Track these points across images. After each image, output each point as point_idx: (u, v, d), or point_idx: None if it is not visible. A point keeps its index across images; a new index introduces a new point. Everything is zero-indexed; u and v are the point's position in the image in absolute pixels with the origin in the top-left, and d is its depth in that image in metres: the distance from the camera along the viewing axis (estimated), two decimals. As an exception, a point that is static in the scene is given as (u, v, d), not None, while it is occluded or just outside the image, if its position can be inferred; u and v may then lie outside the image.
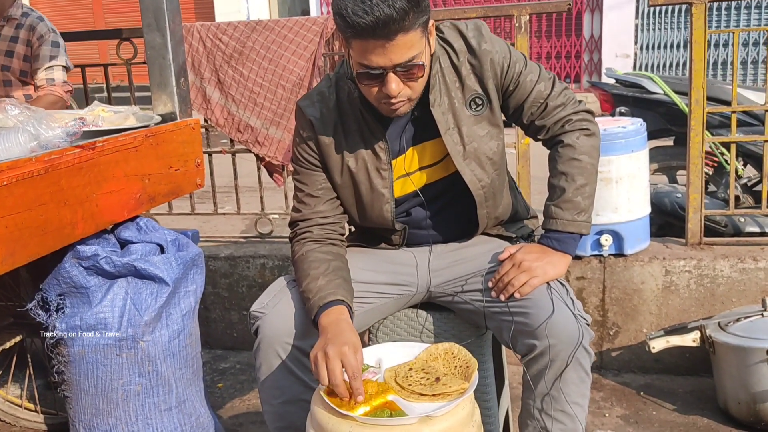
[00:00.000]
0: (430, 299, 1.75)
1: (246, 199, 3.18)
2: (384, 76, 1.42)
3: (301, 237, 1.64)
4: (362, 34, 1.35)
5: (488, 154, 1.62)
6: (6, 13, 2.78)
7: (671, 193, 3.01)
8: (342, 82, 1.61)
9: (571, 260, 1.61)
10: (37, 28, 2.78)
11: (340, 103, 1.61)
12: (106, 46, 10.70)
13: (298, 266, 1.59)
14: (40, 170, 1.53)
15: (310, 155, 1.63)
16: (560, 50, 10.19)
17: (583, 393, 1.51)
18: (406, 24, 1.35)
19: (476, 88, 1.59)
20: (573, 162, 1.60)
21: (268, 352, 1.53)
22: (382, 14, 1.32)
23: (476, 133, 1.60)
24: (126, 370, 1.78)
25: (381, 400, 1.31)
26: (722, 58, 9.67)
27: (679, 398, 2.42)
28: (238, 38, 2.78)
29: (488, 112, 1.61)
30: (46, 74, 2.77)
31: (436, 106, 1.57)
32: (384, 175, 1.60)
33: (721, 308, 2.50)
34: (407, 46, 1.38)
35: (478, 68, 1.58)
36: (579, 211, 1.59)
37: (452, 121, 1.59)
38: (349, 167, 1.61)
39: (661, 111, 3.31)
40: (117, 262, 1.75)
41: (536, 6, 2.60)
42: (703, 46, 2.46)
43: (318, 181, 1.64)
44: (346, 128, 1.61)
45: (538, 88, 1.61)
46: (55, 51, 2.79)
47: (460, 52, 1.57)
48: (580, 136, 1.62)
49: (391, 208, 1.63)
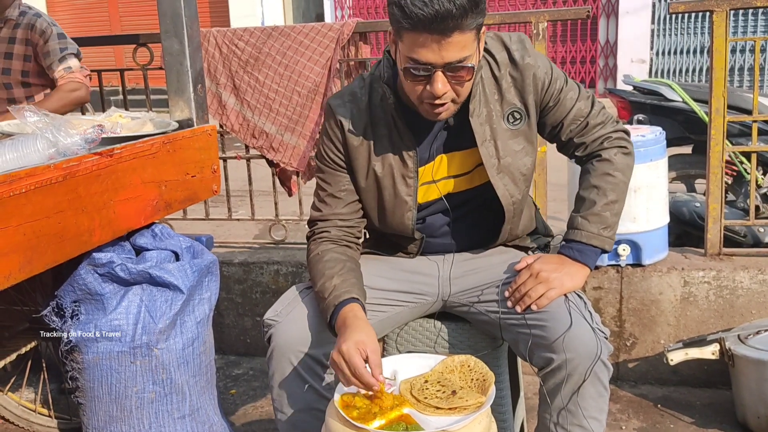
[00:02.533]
0: (445, 309, 1.74)
1: (259, 204, 3.18)
2: (432, 74, 1.39)
3: (319, 236, 1.63)
4: (417, 27, 1.33)
5: (522, 170, 1.61)
6: (3, 14, 2.75)
7: (690, 202, 2.97)
8: (376, 84, 1.59)
9: (589, 274, 1.59)
10: (36, 25, 2.74)
11: (372, 106, 1.59)
12: (121, 50, 10.79)
13: (313, 265, 1.58)
14: (59, 177, 1.53)
15: (337, 155, 1.62)
16: (575, 55, 10.15)
17: (600, 407, 1.48)
18: (463, 22, 1.33)
19: (516, 102, 1.57)
20: (607, 177, 1.59)
21: (281, 361, 1.52)
22: (442, 8, 1.29)
23: (512, 148, 1.58)
24: (140, 377, 1.78)
25: (396, 413, 1.29)
26: (739, 64, 9.59)
27: (697, 411, 2.39)
28: (254, 44, 2.78)
29: (525, 127, 1.59)
30: (62, 65, 2.74)
31: (475, 116, 1.55)
32: (409, 183, 1.59)
33: (740, 320, 2.46)
34: (460, 46, 1.36)
35: (519, 82, 1.56)
36: (605, 227, 1.57)
37: (489, 133, 1.57)
38: (375, 171, 1.59)
39: (679, 119, 3.28)
40: (132, 270, 1.75)
41: (554, 13, 2.58)
42: (725, 54, 2.43)
43: (342, 182, 1.63)
44: (376, 132, 1.59)
45: (579, 106, 1.59)
46: (63, 42, 2.76)
47: (502, 64, 1.56)
48: (617, 153, 1.61)
49: (412, 215, 1.62)
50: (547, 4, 10.22)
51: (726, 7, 2.40)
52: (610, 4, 10.00)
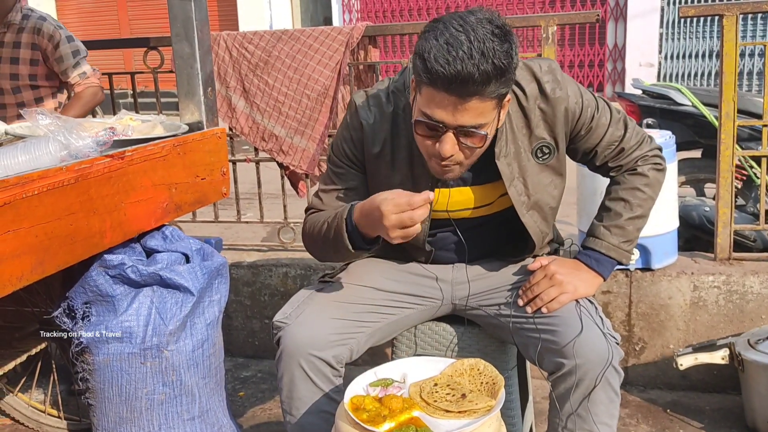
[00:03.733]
0: (455, 312, 1.74)
1: (268, 206, 3.19)
2: (442, 133, 1.35)
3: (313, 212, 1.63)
4: (436, 84, 1.29)
5: (551, 204, 1.60)
6: (6, 19, 2.74)
7: (699, 206, 2.96)
8: (400, 92, 1.56)
9: (602, 283, 1.58)
10: (43, 29, 2.74)
11: (396, 115, 1.55)
12: (131, 53, 10.85)
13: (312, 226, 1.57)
14: (70, 180, 1.54)
15: (354, 155, 1.59)
16: (583, 59, 10.13)
17: (611, 413, 1.48)
18: (484, 89, 1.28)
19: (545, 135, 1.53)
20: (637, 192, 1.58)
21: (290, 363, 1.52)
22: (464, 70, 1.25)
23: (541, 182, 1.56)
24: (150, 379, 1.78)
25: (406, 416, 1.29)
26: (748, 68, 9.55)
27: (707, 416, 2.38)
28: (264, 47, 2.79)
29: (555, 161, 1.57)
30: (77, 71, 2.78)
31: (502, 157, 1.51)
32: None
33: (750, 325, 2.45)
34: (477, 113, 1.32)
35: (550, 116, 1.51)
36: (626, 240, 1.57)
37: (517, 171, 1.53)
38: (390, 181, 1.56)
39: (688, 123, 3.26)
40: (143, 271, 1.76)
41: (564, 17, 2.58)
42: (734, 58, 2.42)
43: (350, 180, 1.60)
44: (396, 141, 1.55)
45: (611, 131, 1.56)
46: (74, 45, 2.79)
47: (531, 97, 1.50)
48: (651, 169, 1.59)
49: (425, 228, 1.60)
50: (555, 8, 10.21)
51: (736, 12, 2.39)
52: (619, 8, 9.99)
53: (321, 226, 1.53)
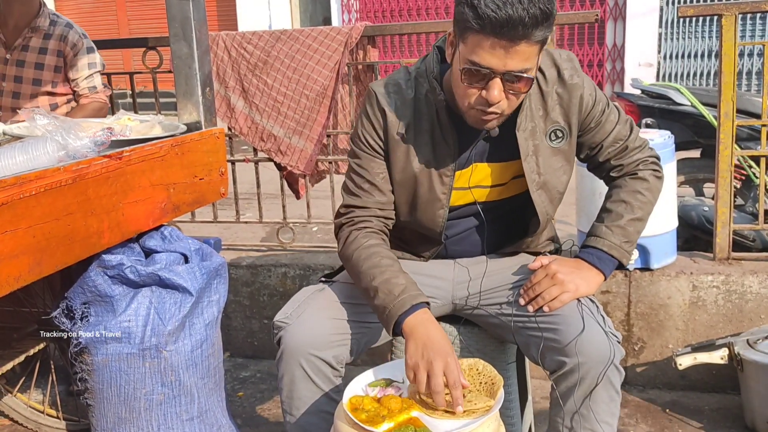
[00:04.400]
0: (454, 312, 1.74)
1: (267, 206, 3.19)
2: (491, 79, 1.37)
3: (359, 225, 1.59)
4: (486, 29, 1.31)
5: (559, 189, 1.62)
6: (33, 23, 2.73)
7: (698, 206, 2.96)
8: (422, 79, 1.57)
9: (602, 282, 1.58)
10: (69, 37, 2.74)
11: (417, 101, 1.57)
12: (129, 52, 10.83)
13: (363, 257, 1.52)
14: (68, 180, 1.53)
15: (376, 142, 1.59)
16: (582, 59, 10.12)
17: (612, 412, 1.48)
18: (533, 32, 1.31)
19: (560, 120, 1.56)
20: (638, 195, 1.60)
21: (291, 363, 1.52)
22: (516, 14, 1.28)
23: (552, 165, 1.58)
24: (149, 379, 1.78)
25: (405, 417, 1.29)
26: (747, 67, 9.55)
27: (706, 416, 2.38)
28: (263, 47, 2.79)
29: (566, 146, 1.59)
30: (88, 83, 2.77)
31: (521, 129, 1.54)
32: (445, 182, 1.58)
33: (749, 325, 2.45)
34: (525, 56, 1.34)
35: (566, 100, 1.55)
36: (627, 241, 1.58)
37: (532, 148, 1.56)
38: (412, 166, 1.57)
39: (687, 123, 3.26)
40: (141, 272, 1.76)
41: (563, 17, 2.57)
42: (733, 58, 2.42)
43: (378, 169, 1.60)
44: (418, 126, 1.57)
45: (618, 128, 1.61)
46: (92, 57, 2.78)
47: (551, 81, 1.55)
48: (651, 175, 1.62)
49: (444, 214, 1.61)
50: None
51: (735, 12, 2.39)
52: (618, 8, 9.98)
53: (372, 274, 1.50)
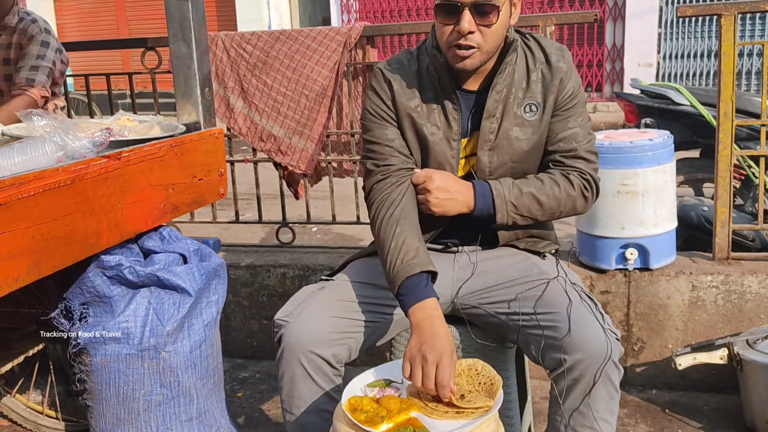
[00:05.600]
0: (453, 311, 1.73)
1: (266, 207, 3.18)
2: (459, 11, 1.46)
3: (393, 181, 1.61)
4: None
5: (512, 156, 1.62)
6: (3, 21, 2.73)
7: (697, 206, 2.96)
8: (423, 56, 1.66)
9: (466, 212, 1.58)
10: (28, 29, 2.69)
11: (420, 74, 1.65)
12: (129, 53, 10.84)
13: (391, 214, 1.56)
14: (67, 180, 1.53)
15: (386, 112, 1.65)
16: (582, 59, 10.13)
17: (611, 410, 1.48)
18: None
19: (537, 95, 1.62)
20: (555, 187, 1.60)
21: (291, 361, 1.52)
22: None
23: (513, 132, 1.61)
24: (147, 380, 1.78)
25: (404, 417, 1.29)
26: (746, 67, 9.55)
27: (705, 416, 2.37)
28: (262, 48, 2.79)
29: (538, 121, 1.62)
30: (28, 74, 2.61)
31: (494, 92, 1.60)
32: (453, 146, 1.63)
33: (749, 325, 2.45)
34: None
35: (548, 80, 1.61)
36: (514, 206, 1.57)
37: (500, 111, 1.61)
38: (422, 131, 1.63)
39: (687, 122, 3.27)
40: (140, 272, 1.76)
41: (562, 17, 2.57)
42: (733, 57, 2.42)
43: (392, 134, 1.65)
44: (424, 96, 1.64)
45: (578, 131, 1.63)
46: (43, 51, 2.66)
47: (539, 60, 1.63)
48: (579, 187, 1.62)
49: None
50: (554, 7, 10.21)
51: (734, 11, 2.39)
52: (617, 8, 9.99)
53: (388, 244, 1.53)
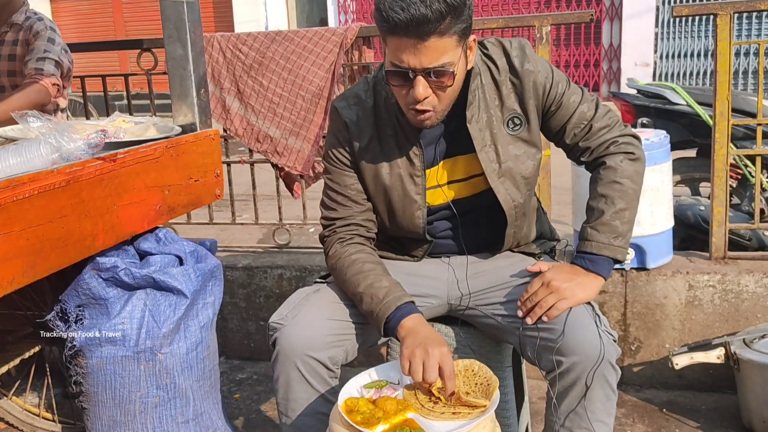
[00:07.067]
0: (450, 313, 1.73)
1: (263, 208, 3.18)
2: (413, 78, 1.41)
3: (342, 235, 1.62)
4: (396, 31, 1.36)
5: (523, 174, 1.60)
6: (10, 19, 2.76)
7: (694, 205, 2.96)
8: (380, 86, 1.61)
9: (603, 283, 1.57)
10: (34, 26, 2.74)
11: (377, 108, 1.60)
12: (126, 54, 10.82)
13: (346, 266, 1.57)
14: (62, 182, 1.53)
15: (344, 156, 1.63)
16: (579, 59, 10.14)
17: (608, 411, 1.48)
18: (440, 27, 1.34)
19: (515, 107, 1.58)
20: (614, 185, 1.57)
21: (286, 364, 1.52)
22: (417, 13, 1.31)
23: (512, 153, 1.58)
24: (144, 382, 1.78)
25: (400, 418, 1.29)
26: (743, 67, 9.57)
27: (703, 415, 2.38)
28: (258, 49, 2.78)
29: (525, 132, 1.59)
30: (36, 64, 2.68)
31: (473, 122, 1.55)
32: (417, 182, 1.59)
33: (745, 324, 2.45)
34: (439, 51, 1.37)
35: (519, 88, 1.57)
36: (616, 236, 1.55)
37: (489, 139, 1.57)
38: (382, 172, 1.60)
39: (683, 122, 3.27)
40: (136, 274, 1.75)
41: (558, 17, 2.57)
42: (729, 57, 2.43)
43: (350, 182, 1.64)
44: (381, 133, 1.60)
45: (581, 109, 1.59)
46: (50, 46, 2.72)
47: (503, 70, 1.57)
48: (624, 160, 1.59)
49: (423, 214, 1.62)
50: (551, 7, 10.22)
51: (730, 11, 2.39)
52: (614, 8, 10.00)
53: (358, 281, 1.54)
